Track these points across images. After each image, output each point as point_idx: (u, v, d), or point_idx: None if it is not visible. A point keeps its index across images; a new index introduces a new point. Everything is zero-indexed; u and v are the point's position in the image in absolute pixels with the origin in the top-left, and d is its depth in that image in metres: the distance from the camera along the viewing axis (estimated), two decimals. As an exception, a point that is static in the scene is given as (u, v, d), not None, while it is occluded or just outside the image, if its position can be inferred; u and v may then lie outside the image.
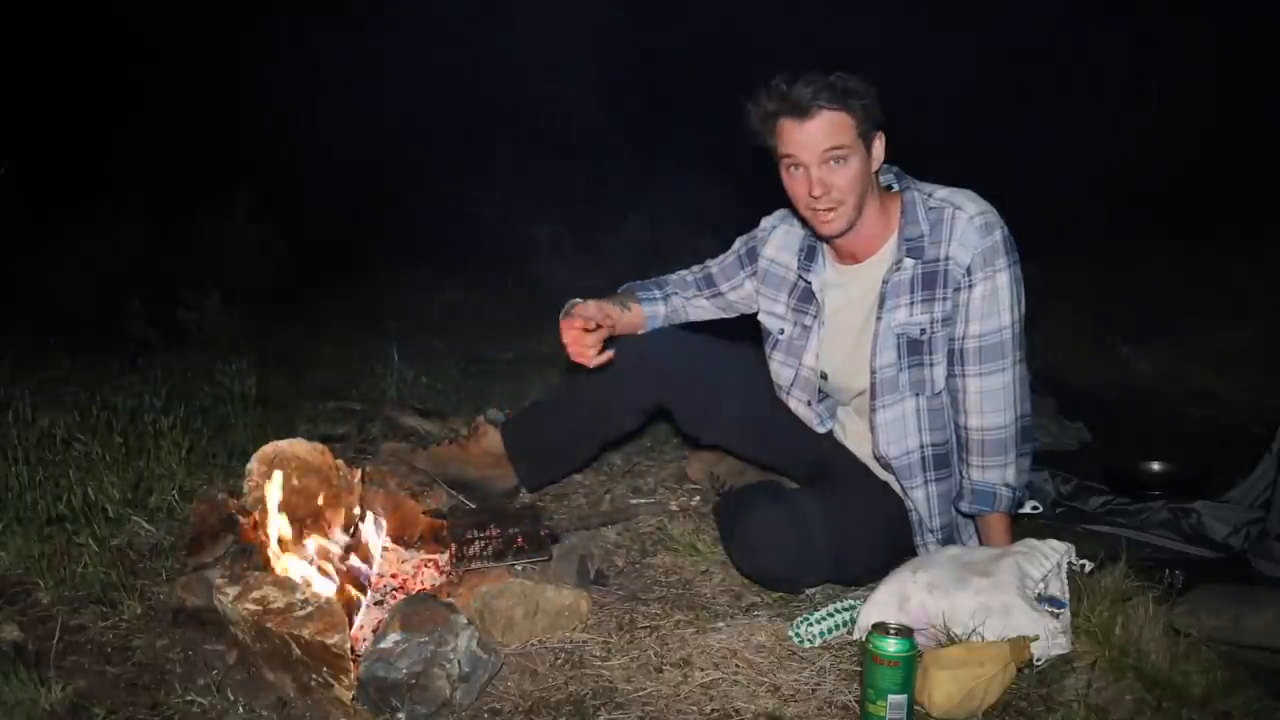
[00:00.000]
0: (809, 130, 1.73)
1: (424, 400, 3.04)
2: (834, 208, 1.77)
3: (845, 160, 1.74)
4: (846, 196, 1.76)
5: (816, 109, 1.71)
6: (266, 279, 4.63)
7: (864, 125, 1.74)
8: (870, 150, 1.77)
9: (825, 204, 1.77)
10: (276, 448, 1.87)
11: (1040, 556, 1.69)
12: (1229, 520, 2.15)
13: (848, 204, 1.77)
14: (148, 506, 2.18)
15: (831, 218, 1.78)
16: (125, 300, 3.75)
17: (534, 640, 1.72)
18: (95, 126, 5.37)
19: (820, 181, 1.75)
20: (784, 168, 1.80)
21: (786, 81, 1.72)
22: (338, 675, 1.48)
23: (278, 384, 3.17)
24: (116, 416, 2.48)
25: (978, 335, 1.79)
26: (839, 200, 1.76)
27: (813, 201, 1.77)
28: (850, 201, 1.77)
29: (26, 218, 4.36)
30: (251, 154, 5.28)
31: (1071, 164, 5.59)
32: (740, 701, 1.53)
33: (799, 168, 1.77)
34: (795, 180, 1.79)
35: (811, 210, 1.79)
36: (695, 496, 2.40)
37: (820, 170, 1.75)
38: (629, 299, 2.14)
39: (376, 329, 4.02)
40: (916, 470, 1.87)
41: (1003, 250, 1.77)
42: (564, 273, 5.20)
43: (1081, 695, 1.50)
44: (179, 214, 4.66)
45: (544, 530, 1.94)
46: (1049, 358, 3.49)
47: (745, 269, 2.11)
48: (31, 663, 1.59)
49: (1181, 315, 4.00)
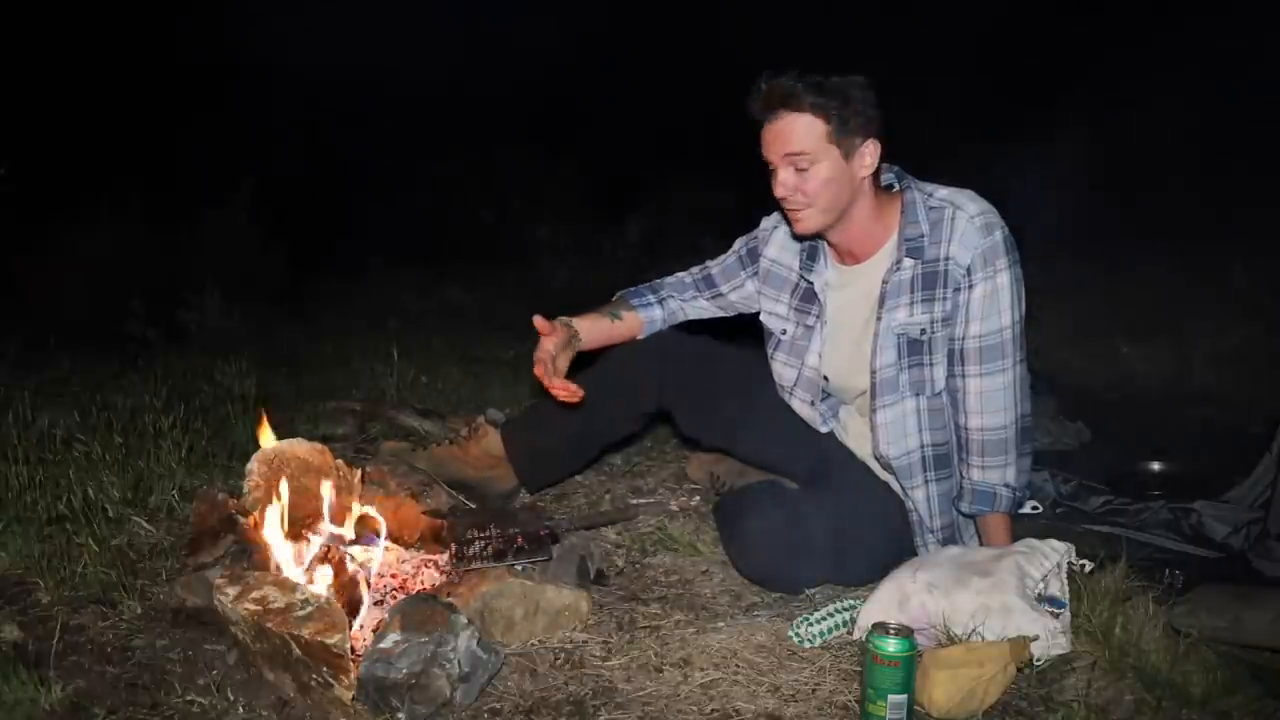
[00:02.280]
0: (772, 131, 1.76)
1: (424, 400, 3.04)
2: (800, 209, 1.79)
3: (809, 166, 1.74)
4: (814, 200, 1.77)
5: (782, 112, 1.73)
6: (266, 279, 4.63)
7: (841, 130, 1.73)
8: (851, 154, 1.76)
9: (792, 204, 1.79)
10: (276, 448, 1.87)
11: (1040, 556, 1.69)
12: (1229, 520, 2.15)
13: (816, 207, 1.78)
14: (148, 506, 2.17)
15: (800, 218, 1.81)
16: (125, 300, 3.74)
17: (534, 640, 1.72)
18: (95, 126, 5.37)
19: (783, 183, 1.77)
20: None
21: (766, 80, 1.74)
22: (338, 675, 1.48)
23: (278, 384, 3.17)
24: (116, 416, 2.49)
25: (978, 335, 1.79)
26: (805, 203, 1.78)
27: (781, 201, 1.80)
28: (820, 204, 1.77)
29: (26, 218, 4.36)
30: (251, 153, 5.28)
31: (1071, 164, 5.59)
32: (740, 701, 1.53)
33: (771, 167, 1.79)
34: (772, 179, 1.81)
35: (785, 211, 1.83)
36: (695, 496, 2.40)
37: (784, 173, 1.76)
38: (621, 307, 2.14)
39: (376, 329, 4.02)
40: (917, 470, 1.87)
41: (1003, 250, 1.77)
42: (564, 273, 5.21)
43: (1081, 695, 1.50)
44: (179, 214, 4.65)
45: (544, 530, 1.94)
46: (1049, 358, 3.48)
47: (746, 269, 2.11)
48: (31, 663, 1.59)
49: (1181, 315, 4.00)
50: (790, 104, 1.72)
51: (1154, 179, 5.53)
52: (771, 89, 1.73)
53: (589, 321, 2.08)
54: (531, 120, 6.62)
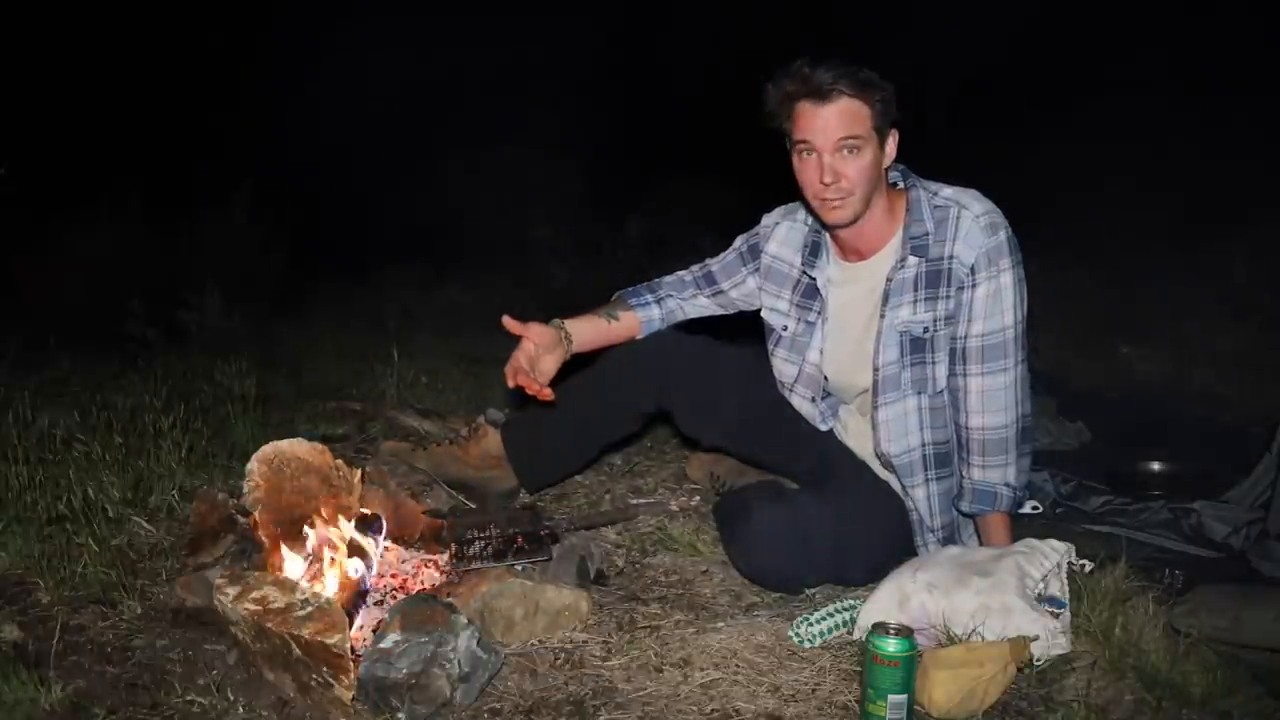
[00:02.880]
0: (826, 115, 1.72)
1: (424, 400, 3.04)
2: (843, 197, 1.77)
3: (858, 151, 1.74)
4: (856, 187, 1.76)
5: (837, 94, 1.71)
6: (266, 279, 4.62)
7: (880, 119, 1.74)
8: (883, 146, 1.77)
9: (834, 193, 1.76)
10: (276, 448, 1.87)
11: (1040, 556, 1.69)
12: (1229, 520, 2.15)
13: (856, 195, 1.76)
14: (148, 506, 2.17)
15: (839, 205, 1.78)
16: (125, 300, 3.74)
17: (534, 640, 1.72)
18: (95, 126, 5.37)
19: (831, 169, 1.74)
20: (796, 153, 1.79)
21: (809, 65, 1.72)
22: (338, 675, 1.48)
23: (278, 384, 3.17)
24: (116, 416, 2.48)
25: (980, 335, 1.79)
26: (848, 190, 1.76)
27: (822, 189, 1.77)
28: (859, 193, 1.76)
29: (26, 218, 4.36)
30: (252, 153, 5.28)
31: (1072, 163, 5.59)
32: (740, 701, 1.53)
33: (812, 153, 1.76)
34: (806, 165, 1.78)
35: (820, 199, 1.79)
36: (695, 496, 2.40)
37: (833, 158, 1.74)
38: (619, 307, 2.13)
39: (377, 329, 4.02)
40: (917, 468, 1.87)
41: (1007, 250, 1.77)
42: (564, 273, 5.20)
43: (1081, 695, 1.50)
44: (179, 214, 4.65)
45: (544, 530, 1.94)
46: (1049, 358, 3.48)
47: (747, 265, 2.11)
48: (31, 663, 1.59)
49: (1181, 315, 4.00)
50: (846, 87, 1.71)
51: (1154, 179, 5.53)
52: (823, 72, 1.70)
53: (583, 323, 2.08)
54: (531, 120, 6.61)
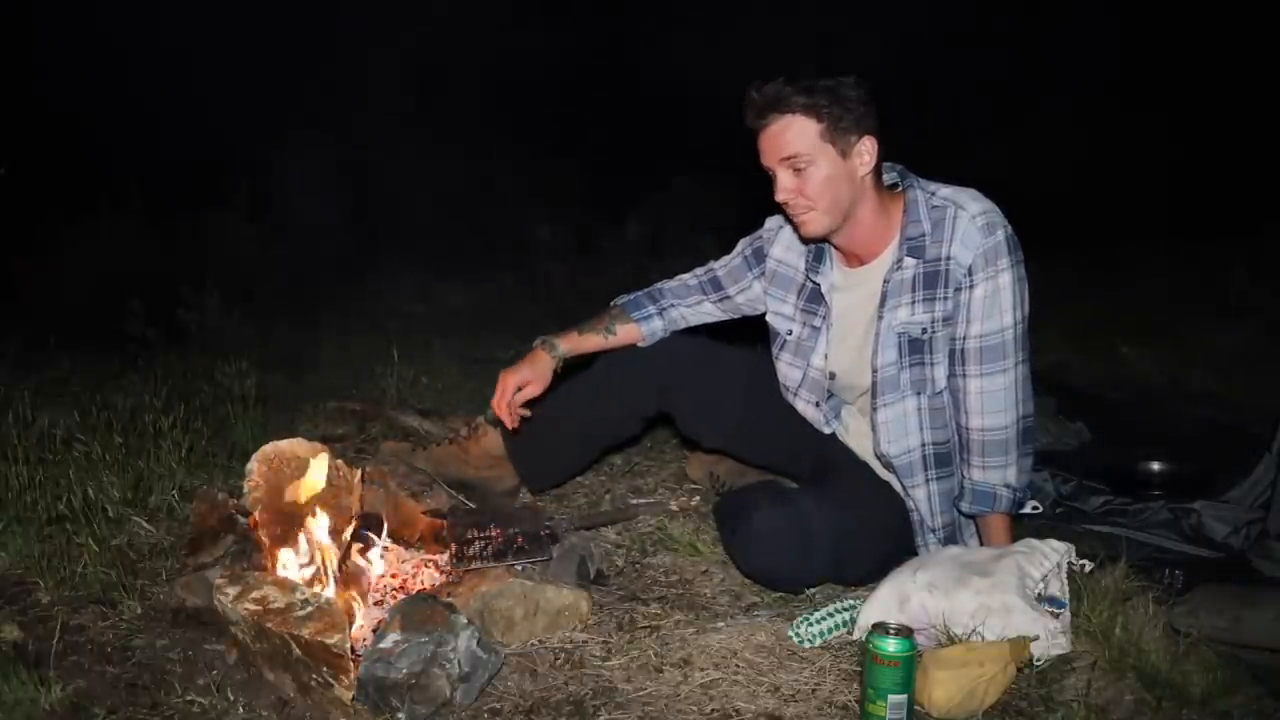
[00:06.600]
0: (766, 138, 1.76)
1: (424, 400, 3.04)
2: (805, 212, 1.79)
3: (806, 168, 1.75)
4: (816, 201, 1.77)
5: (774, 116, 1.74)
6: (266, 279, 4.62)
7: (833, 130, 1.73)
8: (848, 154, 1.76)
9: (796, 209, 1.80)
10: (276, 448, 1.87)
11: (1040, 556, 1.69)
12: (1229, 520, 2.15)
13: (819, 208, 1.78)
14: (148, 506, 2.18)
15: (805, 221, 1.81)
16: (125, 300, 3.74)
17: (534, 640, 1.72)
18: (95, 127, 5.37)
19: (783, 187, 1.77)
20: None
21: (754, 90, 1.75)
22: (338, 675, 1.48)
23: (278, 384, 3.17)
24: (116, 416, 2.48)
25: (979, 335, 1.79)
26: (808, 205, 1.78)
27: (784, 206, 1.81)
28: (823, 205, 1.77)
29: (26, 218, 4.36)
30: (251, 154, 5.28)
31: (1071, 164, 5.59)
32: (740, 701, 1.53)
33: (770, 174, 1.79)
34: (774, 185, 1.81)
35: (790, 216, 1.83)
36: (695, 496, 2.40)
37: (783, 176, 1.77)
38: (619, 320, 2.14)
39: (377, 329, 4.02)
40: (917, 469, 1.87)
41: (1005, 250, 1.77)
42: (564, 273, 5.20)
43: (1081, 695, 1.51)
44: (179, 214, 4.65)
45: (544, 530, 1.94)
46: (1049, 358, 3.48)
47: (753, 270, 2.11)
48: (31, 663, 1.59)
49: (1181, 315, 4.00)
50: (780, 107, 1.73)
51: (1153, 179, 5.53)
52: (760, 96, 1.74)
53: (579, 340, 2.13)
54: (532, 120, 6.61)
